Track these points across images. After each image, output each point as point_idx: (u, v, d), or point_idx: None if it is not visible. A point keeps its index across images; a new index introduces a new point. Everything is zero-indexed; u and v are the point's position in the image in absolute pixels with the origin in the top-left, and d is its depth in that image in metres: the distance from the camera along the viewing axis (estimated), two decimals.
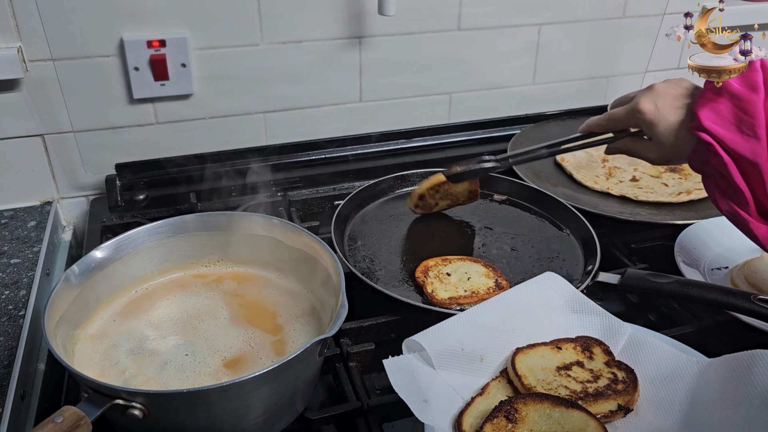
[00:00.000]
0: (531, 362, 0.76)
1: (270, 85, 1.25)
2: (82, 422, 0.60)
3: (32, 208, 1.20)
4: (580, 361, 0.77)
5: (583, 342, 0.79)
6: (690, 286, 0.88)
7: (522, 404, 0.70)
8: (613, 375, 0.75)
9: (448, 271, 0.95)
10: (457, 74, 1.38)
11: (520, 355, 0.76)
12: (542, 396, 0.71)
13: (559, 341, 0.79)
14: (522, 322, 0.79)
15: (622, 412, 0.71)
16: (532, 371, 0.75)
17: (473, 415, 0.69)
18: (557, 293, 0.83)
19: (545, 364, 0.76)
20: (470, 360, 0.74)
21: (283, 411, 0.73)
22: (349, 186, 1.24)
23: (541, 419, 0.68)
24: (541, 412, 0.69)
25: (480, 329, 0.76)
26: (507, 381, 0.75)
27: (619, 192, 1.19)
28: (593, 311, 0.83)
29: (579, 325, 0.81)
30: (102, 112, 1.18)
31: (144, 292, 0.87)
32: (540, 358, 0.77)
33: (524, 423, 0.68)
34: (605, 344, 0.79)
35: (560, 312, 0.82)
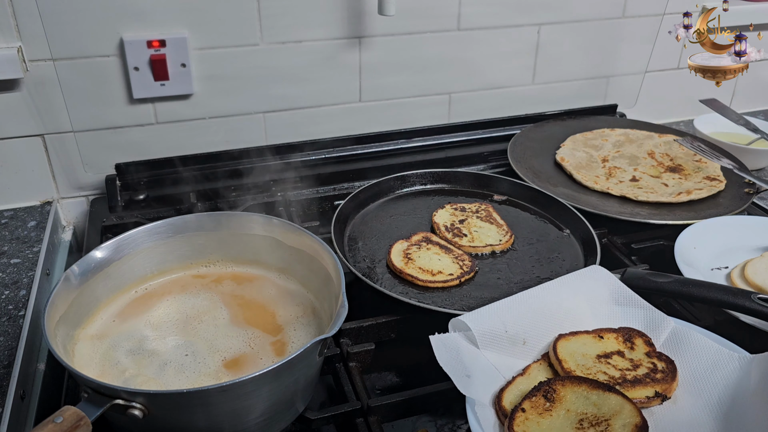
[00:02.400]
0: (572, 348, 0.78)
1: (270, 85, 1.25)
2: (82, 422, 0.60)
3: (32, 208, 1.20)
4: (620, 351, 0.79)
5: (625, 333, 0.81)
6: (690, 286, 0.88)
7: (560, 386, 0.72)
8: (653, 365, 0.77)
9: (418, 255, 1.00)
10: (457, 74, 1.38)
11: (562, 341, 0.78)
12: (580, 379, 0.73)
13: (602, 331, 0.81)
14: (566, 311, 0.81)
15: (659, 399, 0.73)
16: (572, 356, 0.77)
17: (513, 393, 0.72)
18: (603, 285, 0.85)
19: (586, 351, 0.78)
20: (513, 342, 0.77)
21: (283, 411, 0.73)
22: (349, 186, 1.24)
23: (578, 400, 0.71)
24: (578, 393, 0.71)
25: (525, 314, 0.79)
26: (548, 364, 0.77)
27: (619, 192, 1.19)
28: (637, 304, 0.84)
29: (622, 317, 0.83)
30: (102, 112, 1.18)
31: (144, 293, 0.87)
32: (581, 345, 0.78)
33: (561, 403, 0.70)
34: (647, 336, 0.81)
35: (605, 303, 0.84)
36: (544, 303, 0.81)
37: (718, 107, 1.37)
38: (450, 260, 0.99)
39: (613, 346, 0.79)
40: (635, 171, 1.27)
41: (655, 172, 1.27)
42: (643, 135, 1.38)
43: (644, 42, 1.49)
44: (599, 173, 1.26)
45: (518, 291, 0.94)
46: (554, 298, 0.82)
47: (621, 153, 1.33)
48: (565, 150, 1.33)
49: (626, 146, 1.35)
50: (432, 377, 0.80)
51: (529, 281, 0.97)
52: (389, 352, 0.88)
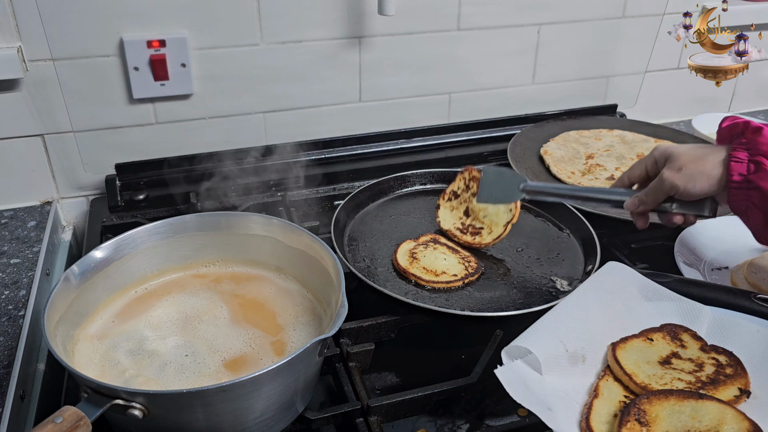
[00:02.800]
0: (633, 358, 0.74)
1: (270, 85, 1.25)
2: (82, 422, 0.60)
3: (32, 208, 1.20)
4: (675, 352, 0.75)
5: (669, 330, 0.78)
6: (690, 286, 0.88)
7: (648, 404, 0.67)
8: (715, 360, 0.74)
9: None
10: (457, 74, 1.38)
11: (619, 350, 0.74)
12: (666, 392, 0.68)
13: (648, 332, 0.78)
14: (607, 315, 0.78)
15: (745, 396, 0.69)
16: (638, 367, 0.73)
17: (598, 420, 0.67)
18: (629, 283, 0.83)
19: (647, 358, 0.74)
20: (574, 362, 0.73)
21: (283, 411, 0.73)
22: (349, 186, 1.24)
23: (673, 416, 0.66)
24: (670, 409, 0.67)
25: (576, 327, 0.76)
26: (614, 378, 0.73)
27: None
28: (667, 297, 0.82)
29: (657, 313, 0.81)
30: (102, 112, 1.18)
31: (144, 293, 0.87)
32: (638, 352, 0.75)
33: (657, 423, 0.65)
34: (691, 329, 0.78)
35: (636, 301, 0.82)
36: (588, 311, 0.78)
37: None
38: (456, 261, 0.99)
39: (665, 348, 0.76)
40: (616, 170, 1.26)
41: None
42: (639, 138, 1.38)
43: (644, 42, 1.49)
44: (577, 168, 1.26)
45: (519, 292, 0.95)
46: (594, 303, 0.79)
47: (610, 152, 1.33)
48: (552, 144, 1.33)
49: (618, 147, 1.35)
50: (432, 377, 0.80)
51: (530, 281, 0.97)
52: (389, 352, 0.88)
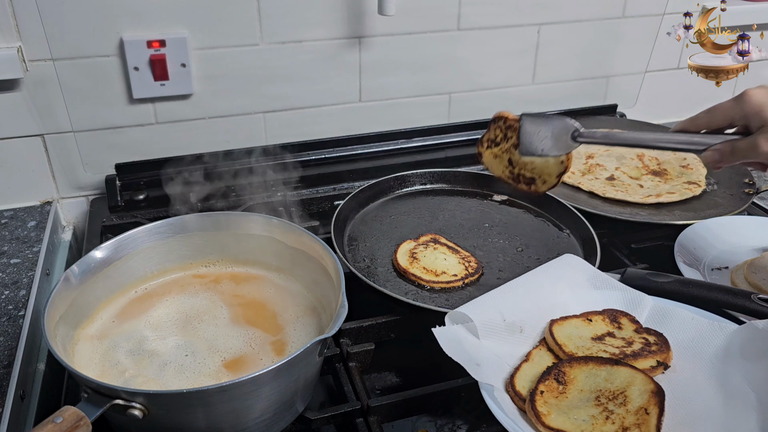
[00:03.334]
0: (567, 332, 0.79)
1: (270, 85, 1.25)
2: (82, 422, 0.60)
3: (32, 208, 1.20)
4: (610, 332, 0.81)
5: (610, 314, 0.83)
6: (690, 286, 0.88)
7: (568, 367, 0.74)
8: (645, 339, 0.79)
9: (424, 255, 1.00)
10: (457, 74, 1.38)
11: (556, 326, 0.80)
12: (586, 358, 0.75)
13: (588, 314, 0.83)
14: (552, 297, 0.84)
15: (662, 367, 0.75)
16: (570, 340, 0.78)
17: (523, 378, 0.74)
18: (579, 272, 0.88)
19: (580, 334, 0.80)
20: (511, 331, 0.79)
21: (283, 411, 0.73)
22: (349, 186, 1.24)
23: (589, 379, 0.73)
24: (587, 372, 0.74)
25: (518, 302, 0.81)
26: (547, 349, 0.78)
27: (588, 188, 1.20)
28: (614, 287, 0.87)
29: (602, 300, 0.85)
30: (102, 112, 1.18)
31: (144, 293, 0.87)
32: (574, 328, 0.80)
33: (573, 384, 0.72)
34: (631, 315, 0.83)
35: (584, 288, 0.86)
36: (534, 290, 0.83)
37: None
38: (456, 261, 0.99)
39: (602, 328, 0.81)
40: (616, 170, 1.27)
41: (636, 173, 1.26)
42: None
43: (644, 42, 1.49)
44: (577, 168, 1.26)
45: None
46: (540, 285, 0.84)
47: (610, 152, 1.33)
48: None
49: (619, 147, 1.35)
50: (432, 377, 0.80)
51: None
52: (389, 352, 0.88)
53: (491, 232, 1.09)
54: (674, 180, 1.24)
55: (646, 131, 0.92)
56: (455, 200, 1.18)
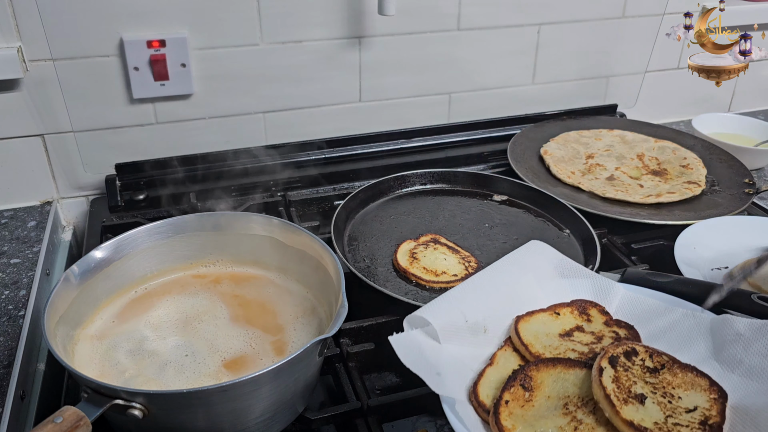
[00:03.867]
0: (533, 329, 0.76)
1: (270, 85, 1.25)
2: (82, 422, 0.60)
3: (32, 208, 1.20)
4: (579, 326, 0.78)
5: (579, 305, 0.80)
6: (690, 286, 0.88)
7: (535, 371, 0.70)
8: (615, 333, 0.77)
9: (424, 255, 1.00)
10: (457, 74, 1.38)
11: (522, 323, 0.77)
12: (554, 361, 0.71)
13: (556, 306, 0.80)
14: (517, 290, 0.80)
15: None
16: (536, 338, 0.75)
17: (487, 386, 0.70)
18: (545, 260, 0.85)
19: (548, 330, 0.76)
20: (474, 332, 0.75)
21: (283, 411, 0.73)
22: (349, 186, 1.24)
23: (557, 384, 0.69)
24: (555, 376, 0.70)
25: (480, 300, 0.77)
26: (513, 349, 0.75)
27: (588, 188, 1.19)
28: (583, 274, 0.84)
29: (571, 289, 0.83)
30: (102, 112, 1.18)
31: (144, 293, 0.87)
32: (541, 324, 0.77)
33: (540, 389, 0.69)
34: (600, 305, 0.81)
35: (551, 278, 0.83)
36: (497, 285, 0.80)
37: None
38: (456, 261, 0.99)
39: (571, 322, 0.78)
40: (616, 170, 1.27)
41: (636, 173, 1.26)
42: (639, 138, 1.38)
43: (644, 42, 1.49)
44: (577, 168, 1.26)
45: None
46: (505, 278, 0.81)
47: (610, 152, 1.33)
48: (552, 144, 1.34)
49: (618, 147, 1.35)
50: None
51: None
52: (389, 352, 0.88)
53: (491, 232, 1.09)
54: (674, 180, 1.24)
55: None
56: (455, 200, 1.18)
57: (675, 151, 1.33)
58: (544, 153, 1.30)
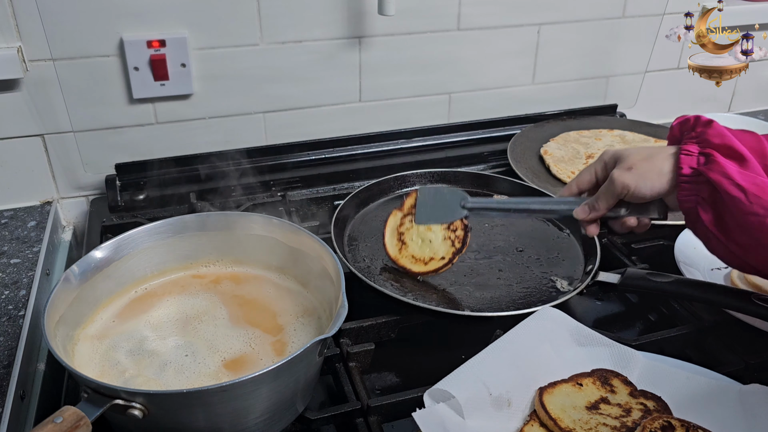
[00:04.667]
0: (559, 402, 0.73)
1: (270, 85, 1.25)
2: (82, 422, 0.60)
3: (32, 208, 1.20)
4: (604, 397, 0.75)
5: (600, 375, 0.77)
6: (690, 286, 0.88)
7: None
8: (643, 405, 0.74)
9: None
10: (457, 74, 1.38)
11: (546, 395, 0.74)
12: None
13: (578, 377, 0.77)
14: (536, 359, 0.77)
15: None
16: (564, 412, 0.72)
17: None
18: (560, 327, 0.81)
19: (574, 403, 0.73)
20: (498, 406, 0.72)
21: (283, 411, 0.73)
22: (349, 186, 1.24)
23: None
24: None
25: (501, 370, 0.74)
26: (540, 424, 0.72)
27: None
28: (600, 342, 0.81)
29: (589, 359, 0.79)
30: (102, 112, 1.18)
31: (144, 293, 0.87)
32: (566, 396, 0.74)
33: None
34: (622, 375, 0.78)
35: (568, 346, 0.80)
36: (515, 355, 0.76)
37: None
38: (441, 237, 0.95)
39: (594, 393, 0.75)
40: None
41: None
42: (639, 138, 1.38)
43: (644, 42, 1.49)
44: (577, 168, 1.26)
45: (519, 292, 0.95)
46: (522, 348, 0.77)
47: None
48: (552, 144, 1.34)
49: (618, 147, 1.35)
50: (432, 377, 0.80)
51: (530, 281, 0.97)
52: (389, 352, 0.88)
53: (491, 232, 1.09)
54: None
55: (530, 197, 1.09)
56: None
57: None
58: (544, 153, 1.30)
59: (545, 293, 0.94)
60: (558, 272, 0.99)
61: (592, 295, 1.01)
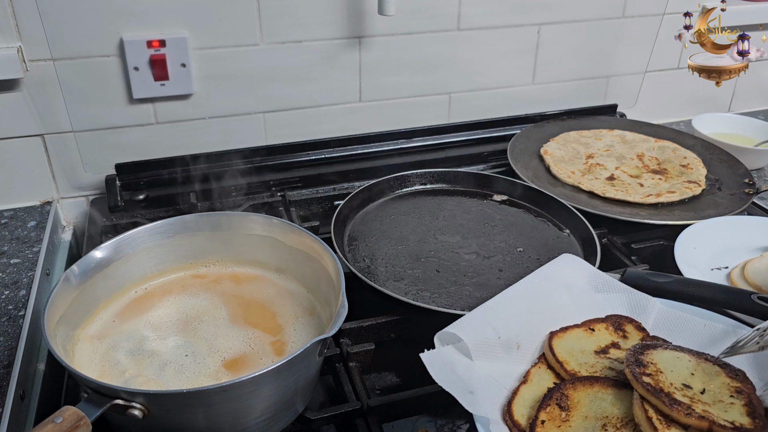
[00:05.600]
0: (568, 346, 0.74)
1: (270, 85, 1.25)
2: (82, 422, 0.60)
3: (32, 208, 1.20)
4: (615, 342, 0.75)
5: (614, 321, 0.77)
6: (690, 286, 0.88)
7: (572, 390, 0.68)
8: None
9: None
10: (457, 74, 1.38)
11: (556, 339, 0.74)
12: (591, 379, 0.69)
13: (591, 322, 0.77)
14: (550, 306, 0.78)
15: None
16: (572, 355, 0.73)
17: (522, 404, 0.68)
18: (579, 274, 0.82)
19: (583, 347, 0.74)
20: (507, 348, 0.73)
21: (283, 411, 0.73)
22: (349, 186, 1.24)
23: (594, 403, 0.67)
24: (593, 396, 0.68)
25: (513, 315, 0.75)
26: (547, 366, 0.73)
27: (588, 187, 1.19)
28: (617, 289, 0.81)
29: (606, 305, 0.80)
30: (102, 112, 1.18)
31: (144, 293, 0.87)
32: (576, 341, 0.74)
33: (577, 409, 0.66)
34: (636, 321, 0.78)
35: (585, 293, 0.81)
36: (529, 301, 0.77)
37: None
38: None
39: (606, 339, 0.75)
40: (616, 170, 1.27)
41: (636, 172, 1.26)
42: (639, 138, 1.38)
43: (644, 42, 1.49)
44: (577, 168, 1.26)
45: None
46: (537, 294, 0.78)
47: (610, 152, 1.33)
48: (552, 144, 1.34)
49: (618, 147, 1.35)
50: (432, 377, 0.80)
51: None
52: (389, 352, 0.88)
53: (491, 232, 1.09)
54: (674, 179, 1.24)
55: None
56: (455, 200, 1.18)
57: (675, 151, 1.33)
58: (544, 153, 1.30)
59: None
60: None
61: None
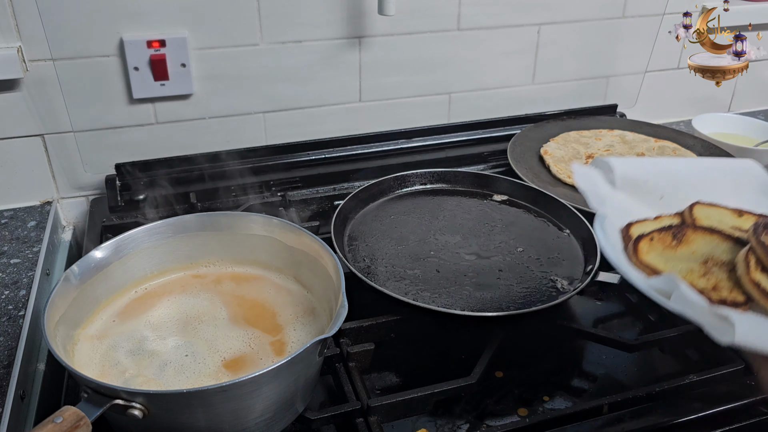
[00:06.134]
0: (708, 213, 0.74)
1: (270, 85, 1.25)
2: (82, 422, 0.60)
3: (32, 208, 1.20)
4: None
5: (767, 221, 0.75)
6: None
7: (691, 231, 0.70)
8: None
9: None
10: (457, 74, 1.38)
11: (699, 206, 0.75)
12: (714, 230, 0.70)
13: (743, 211, 0.77)
14: (712, 183, 0.78)
15: None
16: (708, 219, 0.73)
17: (641, 228, 0.70)
18: (756, 176, 0.82)
19: (721, 219, 0.74)
20: (650, 193, 0.75)
21: (283, 411, 0.73)
22: (349, 186, 1.24)
23: (707, 246, 0.69)
24: (708, 241, 0.70)
25: (670, 172, 0.77)
26: (680, 221, 0.73)
27: None
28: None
29: (766, 208, 0.79)
30: (102, 112, 1.18)
31: (144, 293, 0.87)
32: (718, 214, 0.75)
33: (689, 245, 0.69)
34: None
35: (752, 191, 0.81)
36: (692, 171, 0.79)
37: None
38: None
39: (748, 223, 0.74)
40: None
41: None
42: (639, 138, 1.39)
43: (644, 42, 1.49)
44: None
45: (519, 292, 0.95)
46: (703, 169, 0.80)
47: (610, 152, 1.33)
48: (552, 144, 1.34)
49: (618, 146, 1.35)
50: (432, 377, 0.80)
51: (530, 281, 0.97)
52: (389, 352, 0.88)
53: (491, 232, 1.09)
54: None
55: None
56: (455, 200, 1.18)
57: (675, 151, 1.33)
58: (544, 153, 1.30)
59: (545, 293, 0.94)
60: (558, 272, 0.99)
61: (592, 295, 1.01)
